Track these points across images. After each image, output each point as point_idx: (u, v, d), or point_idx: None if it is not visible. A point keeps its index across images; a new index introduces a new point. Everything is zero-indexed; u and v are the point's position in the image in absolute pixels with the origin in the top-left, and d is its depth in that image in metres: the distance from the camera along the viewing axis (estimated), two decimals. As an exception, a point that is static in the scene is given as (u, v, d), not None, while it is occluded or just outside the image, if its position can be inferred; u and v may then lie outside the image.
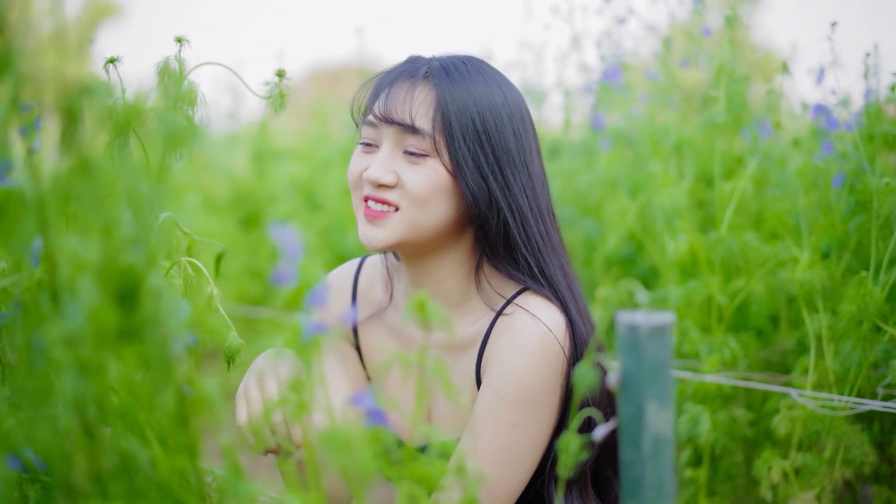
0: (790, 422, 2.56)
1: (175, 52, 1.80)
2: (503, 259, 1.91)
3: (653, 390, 1.27)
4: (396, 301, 2.06)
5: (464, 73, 1.90)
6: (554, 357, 1.83)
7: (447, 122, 1.84)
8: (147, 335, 1.01)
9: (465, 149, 1.84)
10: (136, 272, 0.99)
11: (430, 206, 1.85)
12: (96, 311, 0.97)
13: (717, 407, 2.77)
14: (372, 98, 1.94)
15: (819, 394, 2.51)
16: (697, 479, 2.84)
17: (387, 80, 1.93)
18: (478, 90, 1.89)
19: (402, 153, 1.86)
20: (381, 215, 1.86)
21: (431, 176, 1.84)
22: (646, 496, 1.28)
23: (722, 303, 2.81)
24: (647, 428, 1.28)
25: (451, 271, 1.96)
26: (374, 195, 1.86)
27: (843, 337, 2.51)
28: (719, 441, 2.74)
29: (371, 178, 1.85)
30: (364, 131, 1.92)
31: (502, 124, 1.89)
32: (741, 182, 2.81)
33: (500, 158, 1.87)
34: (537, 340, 1.82)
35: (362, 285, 2.12)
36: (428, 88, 1.87)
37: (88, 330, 0.98)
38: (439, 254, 1.94)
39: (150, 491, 1.09)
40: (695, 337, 2.83)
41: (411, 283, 1.99)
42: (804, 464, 2.56)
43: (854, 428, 2.50)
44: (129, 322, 1.00)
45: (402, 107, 1.86)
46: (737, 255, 2.76)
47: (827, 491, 2.53)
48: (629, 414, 1.28)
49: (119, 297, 0.99)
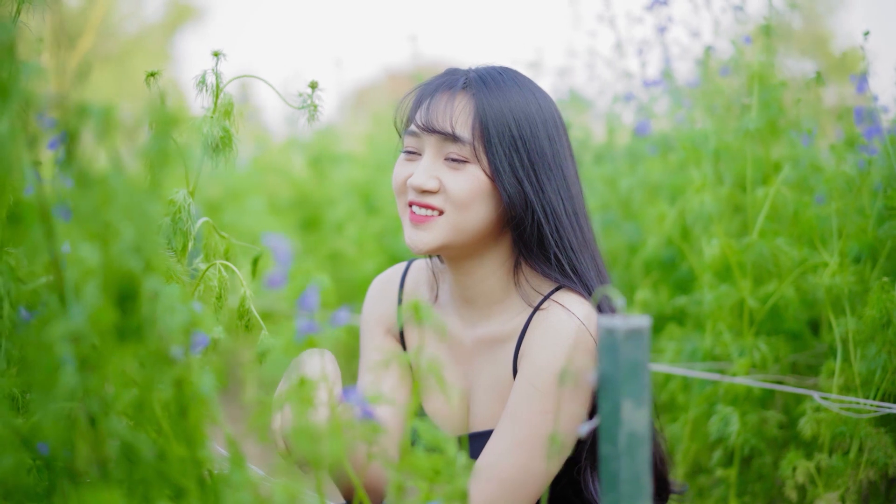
0: (816, 423, 2.61)
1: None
2: (538, 258, 2.02)
3: (629, 390, 1.35)
4: (441, 301, 2.17)
5: (500, 83, 2.02)
6: (586, 349, 1.93)
7: (485, 130, 1.96)
8: (144, 334, 1.12)
9: (502, 154, 1.96)
10: (134, 276, 1.10)
11: (472, 209, 1.97)
12: (97, 311, 1.08)
13: (747, 409, 2.82)
14: (413, 108, 2.06)
15: (841, 396, 2.56)
16: (728, 478, 2.90)
17: (427, 91, 2.04)
18: (513, 99, 2.00)
19: (443, 160, 1.98)
20: (426, 219, 1.98)
21: (472, 181, 1.96)
22: (622, 490, 1.36)
23: (753, 306, 2.86)
24: (623, 425, 1.36)
25: (492, 270, 2.06)
26: (419, 200, 1.98)
27: (868, 341, 2.56)
28: (749, 442, 2.80)
29: (415, 184, 1.97)
30: (406, 140, 2.04)
31: (537, 130, 2.00)
32: (773, 188, 2.86)
33: (535, 163, 1.98)
34: (571, 333, 1.92)
35: (408, 287, 2.23)
36: (467, 98, 1.98)
37: (90, 328, 1.09)
38: (480, 255, 2.05)
39: (150, 476, 1.20)
40: (727, 340, 2.89)
41: (455, 283, 2.10)
42: (829, 465, 2.61)
43: (878, 430, 2.55)
44: (127, 322, 1.11)
45: (444, 116, 1.97)
46: (768, 260, 2.81)
47: (851, 492, 2.58)
48: (607, 412, 1.36)
49: (118, 299, 1.10)
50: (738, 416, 2.79)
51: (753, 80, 2.90)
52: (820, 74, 2.97)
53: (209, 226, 2.11)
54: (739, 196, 3.18)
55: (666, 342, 3.16)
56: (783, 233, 2.88)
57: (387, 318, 2.23)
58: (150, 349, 1.13)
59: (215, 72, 2.07)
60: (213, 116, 2.07)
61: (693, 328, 3.14)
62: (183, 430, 1.20)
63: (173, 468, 1.20)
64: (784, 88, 2.99)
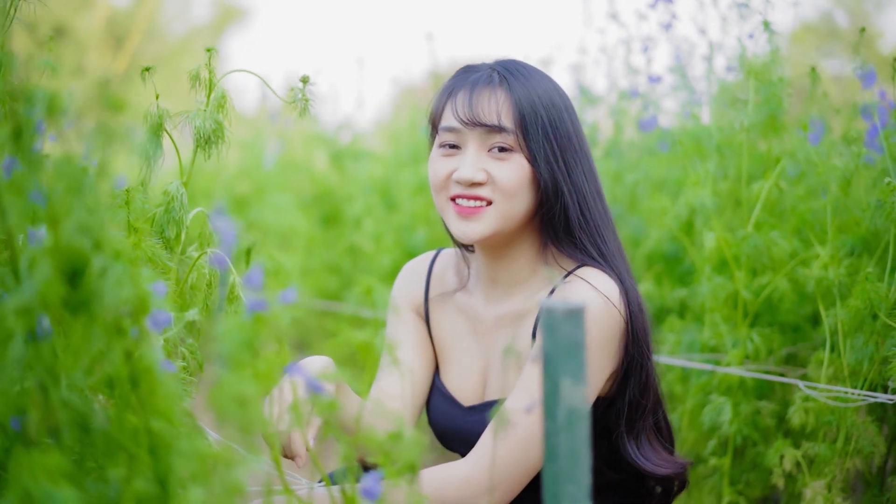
0: (804, 413, 2.65)
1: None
2: (564, 239, 2.13)
3: (567, 367, 1.42)
4: (469, 284, 2.29)
5: (525, 74, 2.14)
6: (607, 320, 2.04)
7: (523, 120, 2.07)
8: (92, 307, 1.20)
9: (540, 142, 2.07)
10: (83, 254, 1.18)
11: (519, 197, 2.08)
12: (46, 285, 1.16)
13: (740, 399, 2.87)
14: (443, 105, 2.16)
15: (828, 386, 2.60)
16: (722, 467, 2.95)
17: (459, 86, 2.14)
18: (540, 87, 2.13)
19: (486, 152, 2.08)
20: (476, 210, 2.08)
21: (517, 170, 2.07)
22: (561, 463, 1.43)
23: (747, 298, 2.91)
24: (562, 401, 1.42)
25: (522, 252, 2.18)
26: (467, 193, 2.09)
27: (856, 332, 2.60)
28: (741, 431, 2.85)
29: (464, 178, 2.07)
30: (443, 136, 2.13)
31: (563, 116, 2.12)
32: (769, 182, 2.90)
33: (564, 148, 2.10)
34: (588, 307, 1.99)
35: (436, 271, 2.37)
36: (505, 91, 2.09)
37: (40, 302, 1.17)
38: (514, 240, 2.16)
39: (100, 443, 1.27)
40: (723, 331, 2.94)
41: (484, 266, 2.22)
42: (816, 453, 2.66)
43: (864, 420, 2.59)
44: (76, 296, 1.19)
45: (489, 109, 2.07)
46: (762, 253, 2.86)
47: (838, 480, 2.62)
48: (548, 389, 1.42)
49: (69, 275, 1.18)
50: (731, 406, 2.84)
51: (750, 75, 2.94)
52: (814, 70, 3.02)
53: (203, 216, 2.19)
54: (741, 191, 3.22)
55: (666, 334, 3.21)
56: (779, 226, 2.92)
57: (415, 299, 2.36)
58: (99, 322, 1.21)
59: (209, 67, 2.16)
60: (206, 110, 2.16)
61: (693, 320, 3.19)
62: (136, 399, 1.28)
63: (125, 436, 1.27)
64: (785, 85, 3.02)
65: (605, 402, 2.12)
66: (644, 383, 2.12)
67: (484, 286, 2.24)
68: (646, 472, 2.14)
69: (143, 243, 1.96)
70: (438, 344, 2.33)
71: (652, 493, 2.23)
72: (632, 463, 2.13)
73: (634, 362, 2.09)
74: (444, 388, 2.28)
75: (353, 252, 4.85)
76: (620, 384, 2.12)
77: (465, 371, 2.26)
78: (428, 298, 2.34)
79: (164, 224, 2.08)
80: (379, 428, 1.46)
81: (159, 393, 1.29)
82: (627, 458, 2.13)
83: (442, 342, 2.32)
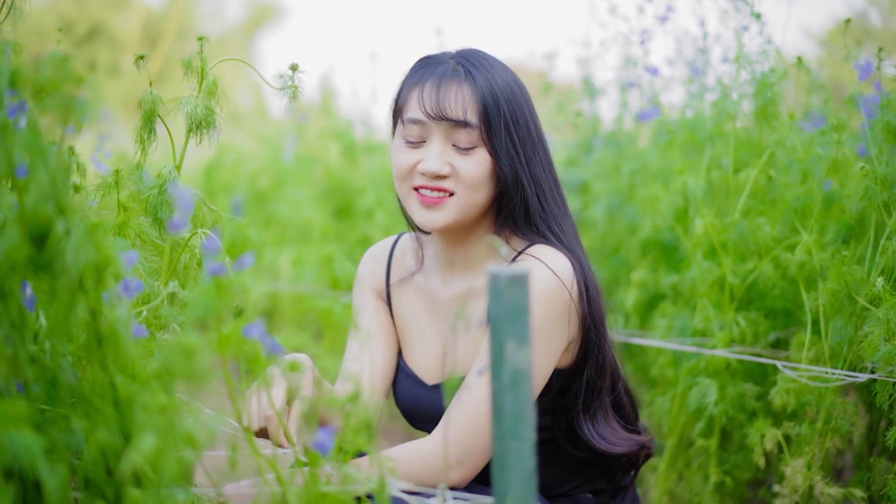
0: (785, 394, 2.71)
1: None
2: (523, 226, 2.21)
3: (511, 330, 1.50)
4: (426, 266, 2.37)
5: (487, 67, 2.20)
6: (558, 297, 2.11)
7: (487, 115, 2.14)
8: (55, 268, 1.30)
9: (500, 136, 2.14)
10: (47, 218, 1.28)
11: (481, 188, 2.16)
12: (13, 248, 1.26)
13: (726, 381, 2.94)
14: (407, 97, 2.22)
15: (809, 366, 2.66)
16: (709, 448, 3.02)
17: (424, 79, 2.20)
18: (500, 80, 2.19)
19: (450, 145, 2.15)
20: (438, 201, 2.16)
21: (480, 163, 2.15)
22: (507, 421, 1.51)
23: (733, 283, 2.98)
24: (506, 363, 1.50)
25: (480, 238, 2.27)
26: (430, 184, 2.16)
27: (837, 314, 2.66)
28: (727, 413, 2.92)
29: (430, 170, 2.14)
30: (409, 129, 2.19)
31: (522, 108, 2.20)
32: (755, 170, 2.97)
33: (524, 141, 2.18)
34: (539, 282, 2.10)
35: (396, 255, 2.45)
36: (470, 86, 2.15)
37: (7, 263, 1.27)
38: (473, 226, 2.25)
39: (66, 396, 1.37)
40: (709, 315, 3.01)
41: (442, 250, 2.30)
42: (796, 433, 2.73)
43: (844, 400, 2.65)
44: (41, 258, 1.29)
45: (455, 104, 2.14)
46: (748, 238, 2.93)
47: (817, 458, 2.68)
48: (494, 351, 1.50)
49: (35, 239, 1.28)
50: (718, 389, 2.91)
51: (739, 65, 3.02)
52: (801, 59, 3.08)
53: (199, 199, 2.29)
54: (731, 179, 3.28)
55: (658, 319, 3.28)
56: (766, 213, 2.98)
57: (376, 282, 2.44)
58: (62, 281, 1.30)
59: (201, 55, 2.25)
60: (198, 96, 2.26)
61: (684, 306, 3.26)
62: (100, 356, 1.37)
63: (90, 391, 1.37)
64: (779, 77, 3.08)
65: (564, 378, 2.20)
66: (601, 364, 2.20)
67: (441, 268, 2.32)
68: (600, 450, 2.22)
69: (131, 221, 2.06)
70: (400, 326, 2.41)
71: (618, 462, 2.30)
72: (587, 442, 2.21)
73: (592, 344, 2.18)
74: (408, 369, 2.36)
75: (365, 243, 4.94)
76: (578, 365, 2.20)
77: (427, 350, 2.34)
78: (389, 283, 2.42)
79: (157, 206, 2.17)
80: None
81: (123, 350, 1.38)
82: (583, 436, 2.21)
83: (403, 324, 2.40)
